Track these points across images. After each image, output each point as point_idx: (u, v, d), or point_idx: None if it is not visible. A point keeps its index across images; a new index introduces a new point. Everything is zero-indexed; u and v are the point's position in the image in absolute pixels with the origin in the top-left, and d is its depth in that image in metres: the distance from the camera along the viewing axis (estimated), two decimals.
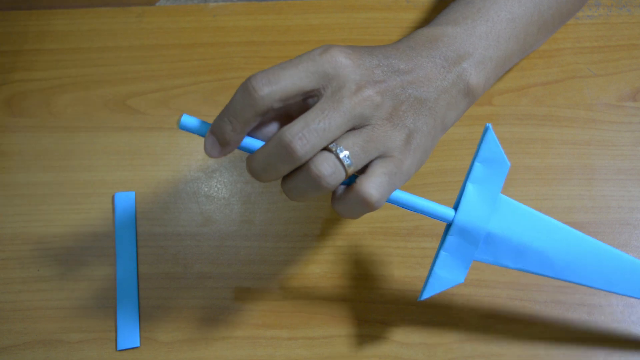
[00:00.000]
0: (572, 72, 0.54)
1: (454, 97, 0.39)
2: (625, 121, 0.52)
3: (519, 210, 0.40)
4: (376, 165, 0.37)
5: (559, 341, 0.45)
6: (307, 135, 0.34)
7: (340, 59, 0.36)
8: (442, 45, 0.40)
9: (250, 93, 0.35)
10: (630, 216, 0.49)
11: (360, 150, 0.36)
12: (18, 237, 0.49)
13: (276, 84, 0.35)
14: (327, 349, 0.45)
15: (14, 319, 0.46)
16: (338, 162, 0.35)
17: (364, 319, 0.46)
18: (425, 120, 0.38)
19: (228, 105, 0.36)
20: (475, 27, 0.41)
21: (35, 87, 0.54)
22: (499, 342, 0.45)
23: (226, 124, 0.36)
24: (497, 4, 0.42)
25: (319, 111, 0.35)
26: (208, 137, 0.37)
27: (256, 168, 0.36)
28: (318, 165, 0.35)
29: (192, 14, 0.57)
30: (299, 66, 0.35)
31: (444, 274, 0.40)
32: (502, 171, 0.39)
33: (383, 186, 0.36)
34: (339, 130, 0.35)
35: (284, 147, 0.35)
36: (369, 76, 0.37)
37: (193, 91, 0.54)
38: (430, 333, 0.45)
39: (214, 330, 0.46)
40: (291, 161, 0.35)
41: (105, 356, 0.45)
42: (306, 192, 0.36)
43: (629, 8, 0.57)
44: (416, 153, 0.38)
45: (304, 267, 0.48)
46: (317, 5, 0.57)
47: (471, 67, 0.40)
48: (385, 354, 0.45)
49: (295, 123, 0.35)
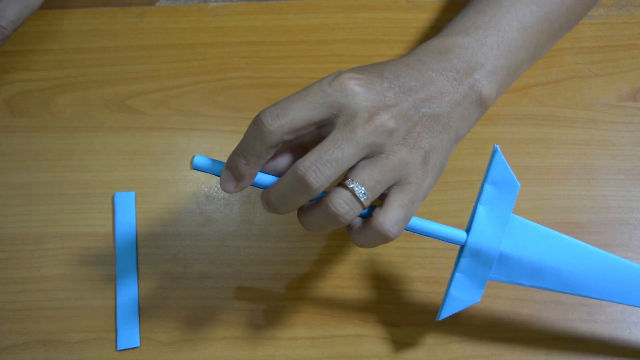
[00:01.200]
0: (572, 72, 0.54)
1: (466, 109, 0.39)
2: (625, 121, 0.52)
3: (531, 229, 0.40)
4: (393, 196, 0.37)
5: (559, 341, 0.45)
6: (321, 168, 0.35)
7: (351, 86, 0.36)
8: (453, 57, 0.39)
9: (260, 128, 0.35)
10: (630, 216, 0.49)
11: (375, 183, 0.36)
12: (18, 237, 0.49)
13: (284, 117, 0.35)
14: (327, 349, 0.45)
15: (14, 319, 0.46)
16: (354, 199, 0.36)
17: (364, 319, 0.46)
18: (440, 137, 0.38)
19: (241, 141, 0.36)
20: (487, 37, 0.41)
21: (35, 87, 0.54)
22: (498, 342, 0.45)
23: (240, 158, 0.36)
24: (510, 13, 0.42)
25: (331, 142, 0.35)
26: (224, 172, 0.37)
27: (273, 202, 0.37)
28: (335, 204, 0.36)
29: (192, 14, 0.57)
30: (307, 98, 0.36)
31: (460, 294, 0.40)
32: (513, 192, 0.40)
33: (400, 220, 0.37)
34: (353, 160, 0.36)
35: (298, 181, 0.35)
36: (380, 101, 0.36)
37: (193, 91, 0.54)
38: (430, 333, 0.45)
39: (214, 330, 0.46)
40: (307, 193, 0.35)
41: (105, 356, 0.45)
42: (324, 226, 0.37)
43: (629, 8, 0.57)
44: (433, 172, 0.38)
45: (304, 267, 0.48)
46: (317, 5, 0.57)
47: (483, 78, 0.40)
48: (385, 354, 0.45)
49: (309, 156, 0.35)
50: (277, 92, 0.54)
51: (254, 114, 0.53)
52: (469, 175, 0.50)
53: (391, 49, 0.55)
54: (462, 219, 0.48)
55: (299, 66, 0.55)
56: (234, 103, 0.53)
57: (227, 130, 0.52)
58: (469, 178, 0.50)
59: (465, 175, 0.50)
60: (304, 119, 0.35)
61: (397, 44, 0.56)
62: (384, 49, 0.55)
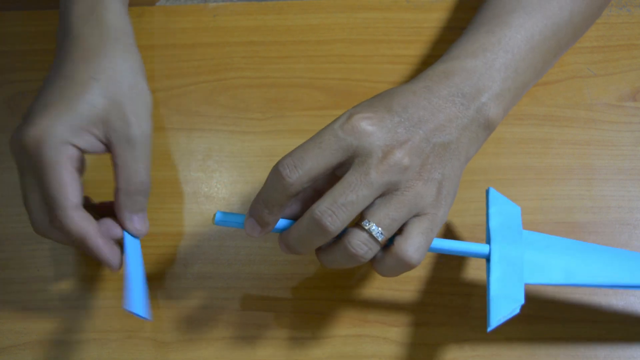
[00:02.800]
0: (572, 72, 0.54)
1: (474, 132, 0.39)
2: (625, 121, 0.52)
3: (544, 236, 0.42)
4: (412, 225, 0.38)
5: (559, 341, 0.45)
6: (336, 212, 0.36)
7: (363, 127, 0.36)
8: (459, 81, 0.39)
9: (280, 180, 0.36)
10: (630, 216, 0.49)
11: (392, 221, 0.37)
12: (18, 237, 0.49)
13: (302, 167, 0.36)
14: (327, 349, 0.45)
15: (14, 319, 0.46)
16: (372, 239, 0.37)
17: (364, 319, 0.46)
18: (451, 164, 0.38)
19: (262, 190, 0.38)
20: (495, 60, 0.40)
21: (35, 87, 0.54)
22: (498, 342, 0.45)
23: (263, 208, 0.38)
24: (519, 34, 0.41)
25: (346, 185, 0.36)
26: (248, 221, 0.39)
27: (292, 244, 0.39)
28: (354, 246, 0.37)
29: (192, 14, 0.57)
30: (322, 145, 0.36)
31: (501, 297, 0.40)
32: (516, 215, 0.42)
33: (422, 246, 0.37)
34: (367, 201, 0.36)
35: (315, 225, 0.36)
36: (392, 138, 0.37)
37: (193, 91, 0.54)
38: (430, 333, 0.45)
39: (214, 330, 0.46)
40: (324, 236, 0.37)
41: (105, 356, 0.45)
42: (344, 265, 0.39)
43: (629, 8, 0.57)
44: (447, 200, 0.39)
45: (304, 267, 0.48)
46: (317, 5, 0.57)
47: (490, 101, 0.40)
48: (385, 354, 0.45)
49: (324, 199, 0.36)
50: (277, 92, 0.54)
51: (254, 114, 0.53)
52: (470, 175, 0.50)
53: (391, 49, 0.55)
54: (464, 218, 0.49)
55: (299, 66, 0.55)
56: (234, 103, 0.53)
57: (227, 130, 0.52)
58: (471, 178, 0.50)
59: (466, 175, 0.50)
60: (321, 167, 0.36)
61: (397, 44, 0.56)
62: (384, 49, 0.55)
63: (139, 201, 0.42)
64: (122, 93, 0.41)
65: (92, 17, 0.43)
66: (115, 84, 0.41)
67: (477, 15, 0.44)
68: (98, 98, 0.40)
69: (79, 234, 0.40)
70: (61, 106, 0.40)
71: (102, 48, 0.42)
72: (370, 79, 0.54)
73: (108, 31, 0.42)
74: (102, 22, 0.43)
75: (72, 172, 0.40)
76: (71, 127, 0.39)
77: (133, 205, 0.41)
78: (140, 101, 0.42)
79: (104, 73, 0.41)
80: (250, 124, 0.52)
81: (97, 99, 0.40)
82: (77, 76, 0.41)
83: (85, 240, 0.40)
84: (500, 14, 0.42)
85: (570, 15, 0.44)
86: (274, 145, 0.52)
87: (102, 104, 0.40)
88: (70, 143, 0.39)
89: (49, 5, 0.57)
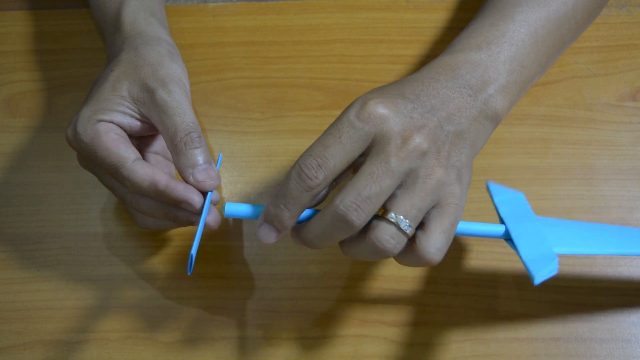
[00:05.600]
0: (572, 72, 0.54)
1: (482, 124, 0.39)
2: (625, 121, 0.52)
3: (556, 219, 0.43)
4: (435, 221, 0.37)
5: (559, 341, 0.45)
6: (362, 205, 0.35)
7: (380, 111, 0.36)
8: (464, 73, 0.39)
9: (304, 181, 0.35)
10: (630, 216, 0.49)
11: (417, 211, 0.36)
12: (18, 237, 0.49)
13: (326, 166, 0.35)
14: (327, 349, 0.45)
15: (14, 319, 0.46)
16: (400, 232, 0.36)
17: (364, 319, 0.46)
18: (466, 152, 0.38)
19: (282, 192, 0.36)
20: (500, 53, 0.40)
21: (35, 87, 0.54)
22: (498, 342, 0.45)
23: (283, 211, 0.36)
24: (523, 28, 0.42)
25: (368, 177, 0.35)
26: (263, 226, 0.37)
27: (312, 239, 0.37)
28: (382, 241, 0.36)
29: (192, 14, 0.57)
30: (341, 139, 0.35)
31: (535, 261, 0.39)
32: (522, 200, 0.43)
33: (444, 246, 0.37)
34: (390, 190, 0.36)
35: (340, 220, 0.35)
36: (409, 123, 0.36)
37: (193, 91, 0.54)
38: (430, 333, 0.45)
39: (214, 330, 0.46)
40: (349, 230, 0.36)
41: (105, 356, 0.45)
42: (369, 259, 0.37)
43: (629, 8, 0.57)
44: (466, 189, 0.38)
45: (304, 267, 0.48)
46: (317, 5, 0.57)
47: (497, 93, 0.39)
48: (385, 354, 0.45)
49: (348, 193, 0.35)
50: (277, 92, 0.54)
51: (254, 114, 0.53)
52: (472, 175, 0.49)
53: (391, 49, 0.55)
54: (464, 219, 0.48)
55: (299, 66, 0.55)
56: (234, 103, 0.53)
57: (227, 130, 0.52)
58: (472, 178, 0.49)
59: None
60: (344, 163, 0.36)
61: (397, 44, 0.56)
62: (383, 49, 0.55)
63: (194, 154, 0.40)
64: (145, 74, 0.41)
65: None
66: (135, 68, 0.42)
67: (480, 10, 0.44)
68: (118, 83, 0.41)
69: (148, 181, 0.39)
70: (88, 100, 0.42)
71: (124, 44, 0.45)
72: (369, 79, 0.54)
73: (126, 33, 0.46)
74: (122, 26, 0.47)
75: (113, 138, 0.40)
76: (95, 109, 0.41)
77: (188, 161, 0.40)
78: (163, 72, 0.42)
79: (125, 61, 0.43)
80: (250, 124, 0.52)
81: (117, 84, 0.41)
82: (102, 75, 0.43)
83: (157, 185, 0.39)
84: (503, 8, 0.42)
85: (573, 10, 0.44)
86: (274, 145, 0.52)
87: (125, 85, 0.41)
88: (97, 120, 0.40)
89: (49, 5, 0.57)
